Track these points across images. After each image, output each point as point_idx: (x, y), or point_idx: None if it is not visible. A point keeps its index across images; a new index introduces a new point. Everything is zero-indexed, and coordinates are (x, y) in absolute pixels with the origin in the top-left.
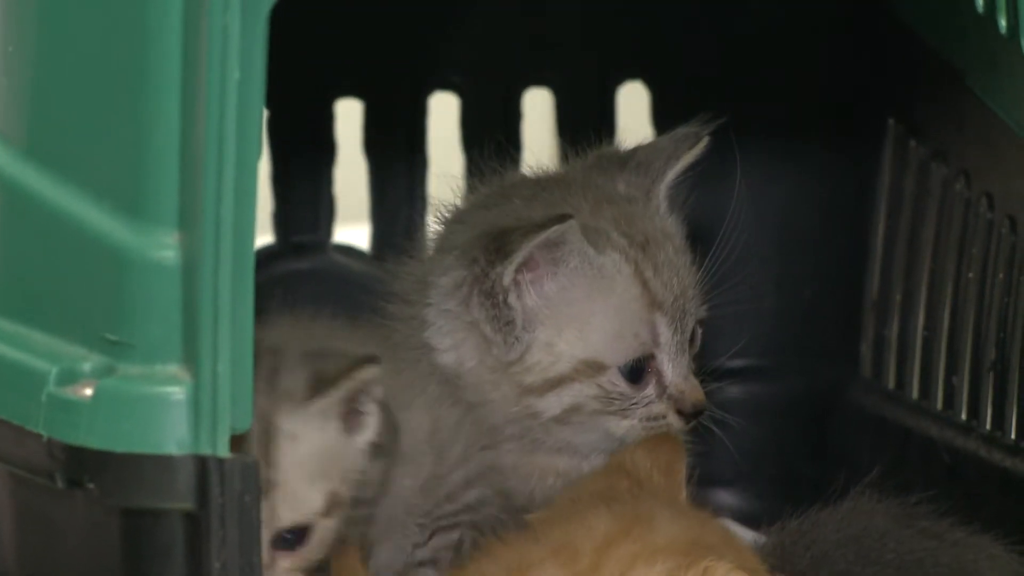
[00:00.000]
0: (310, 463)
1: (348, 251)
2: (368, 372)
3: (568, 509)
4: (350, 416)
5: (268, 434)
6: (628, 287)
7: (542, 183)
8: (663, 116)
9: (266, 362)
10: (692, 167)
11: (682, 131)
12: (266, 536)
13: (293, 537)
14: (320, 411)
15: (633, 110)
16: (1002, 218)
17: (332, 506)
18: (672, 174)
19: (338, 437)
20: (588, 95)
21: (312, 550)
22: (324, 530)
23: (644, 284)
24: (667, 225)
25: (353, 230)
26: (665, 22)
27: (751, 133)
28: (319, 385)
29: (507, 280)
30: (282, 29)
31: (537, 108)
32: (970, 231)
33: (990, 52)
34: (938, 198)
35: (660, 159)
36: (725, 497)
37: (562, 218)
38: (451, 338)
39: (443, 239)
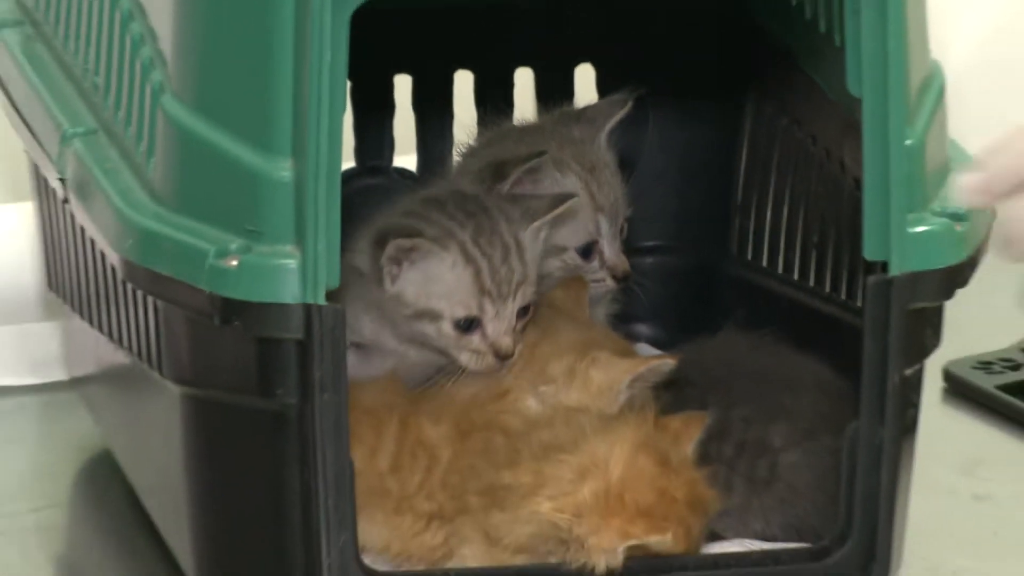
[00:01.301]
0: (532, 264)
1: (403, 173)
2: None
3: None
4: None
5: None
6: (582, 197)
7: (526, 130)
8: (604, 87)
9: None
10: (622, 120)
11: (616, 97)
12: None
13: (524, 312)
14: (535, 229)
15: (585, 83)
16: (820, 150)
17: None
18: (609, 125)
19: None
20: (555, 73)
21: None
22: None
23: (592, 195)
24: (606, 158)
25: (406, 158)
26: (609, 24)
27: (660, 97)
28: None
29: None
30: (362, 25)
31: (522, 82)
32: (802, 160)
33: (815, 44)
34: (781, 140)
35: (601, 115)
36: (642, 329)
37: (540, 153)
38: None
39: (462, 167)
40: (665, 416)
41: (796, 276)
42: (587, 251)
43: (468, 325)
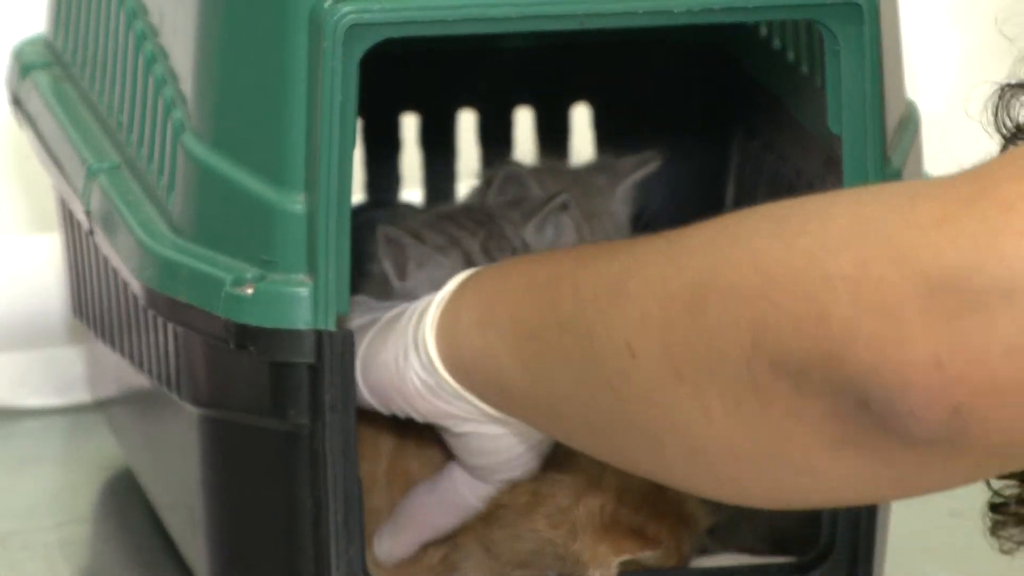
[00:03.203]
0: None
1: (410, 206)
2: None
3: None
4: None
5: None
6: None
7: (562, 172)
8: (599, 126)
9: None
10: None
11: (647, 153)
12: None
13: None
14: (533, 227)
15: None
16: (804, 184)
17: None
18: (631, 179)
19: None
20: (553, 113)
21: None
22: None
23: (582, 240)
24: (613, 208)
25: (413, 192)
26: (603, 66)
27: (650, 135)
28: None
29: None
30: (373, 68)
31: (523, 121)
32: (786, 193)
33: (797, 85)
34: (766, 175)
35: (627, 168)
36: None
37: (558, 194)
38: None
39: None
40: None
41: None
42: None
43: None
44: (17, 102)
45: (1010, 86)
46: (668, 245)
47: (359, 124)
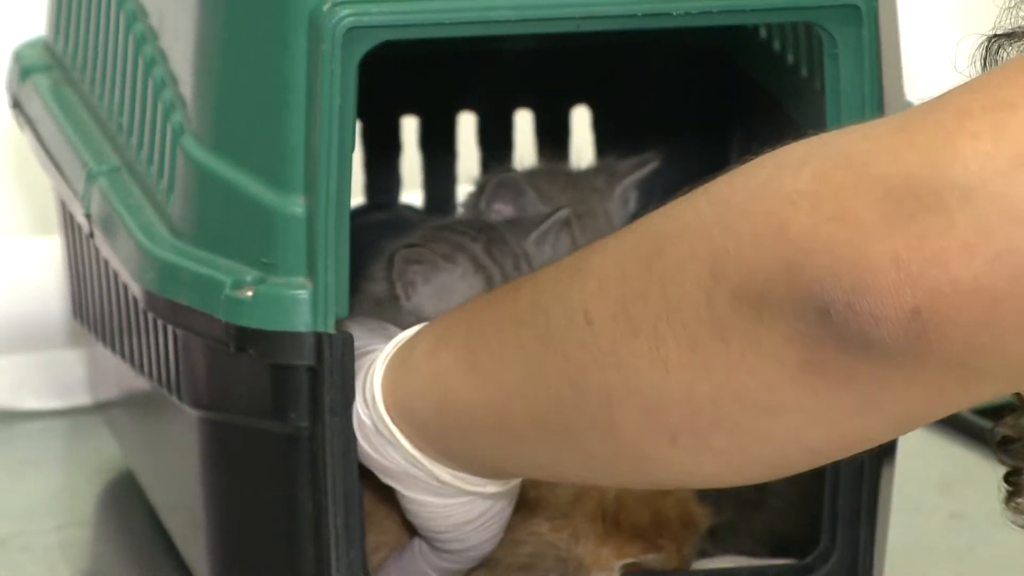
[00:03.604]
0: None
1: (409, 208)
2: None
3: None
4: None
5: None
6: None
7: (564, 175)
8: (598, 128)
9: None
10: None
11: (647, 155)
12: None
13: None
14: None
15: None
16: None
17: None
18: (628, 179)
19: None
20: (553, 115)
21: None
22: None
23: (573, 239)
24: (608, 207)
25: (412, 194)
26: (602, 68)
27: (649, 136)
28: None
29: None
30: (373, 71)
31: (522, 123)
32: None
33: (797, 87)
34: None
35: (626, 169)
36: None
37: (558, 210)
38: None
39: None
40: None
41: None
42: None
43: None
44: (17, 105)
45: (996, 36)
46: (632, 223)
47: (359, 126)
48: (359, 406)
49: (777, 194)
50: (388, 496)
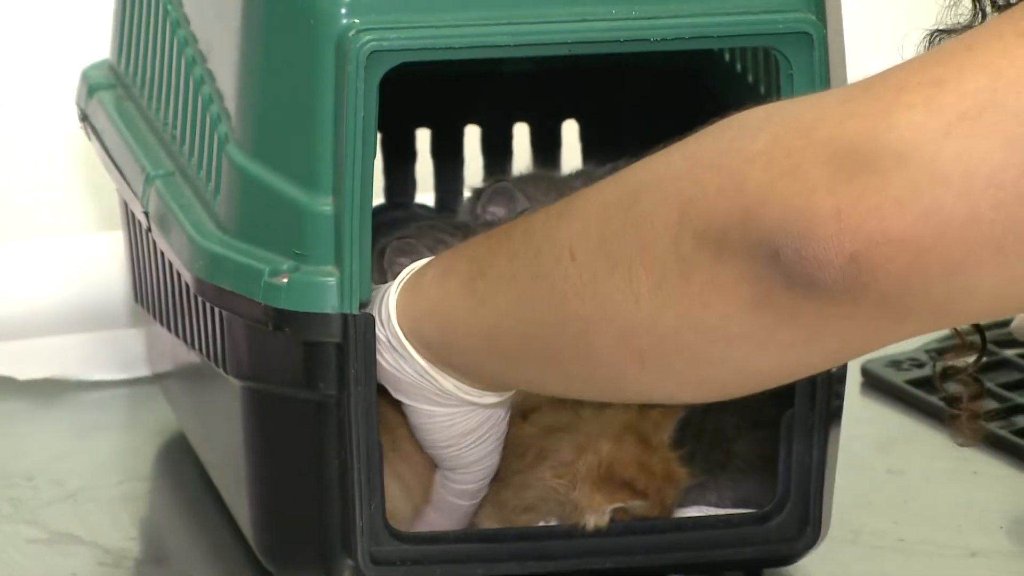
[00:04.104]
0: None
1: (423, 207)
2: None
3: None
4: None
5: None
6: None
7: (547, 180)
8: (585, 141)
9: None
10: None
11: (614, 164)
12: None
13: None
14: None
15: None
16: None
17: None
18: None
19: None
20: (546, 128)
21: None
22: None
23: None
24: None
25: (426, 196)
26: (587, 87)
27: (639, 146)
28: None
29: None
30: (392, 90)
31: (518, 137)
32: None
33: (756, 104)
34: None
35: (602, 173)
36: None
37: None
38: None
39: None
40: (648, 407)
41: None
42: None
43: None
44: (85, 118)
45: (939, 31)
46: (608, 176)
47: (379, 137)
48: (376, 326)
49: (739, 154)
50: None
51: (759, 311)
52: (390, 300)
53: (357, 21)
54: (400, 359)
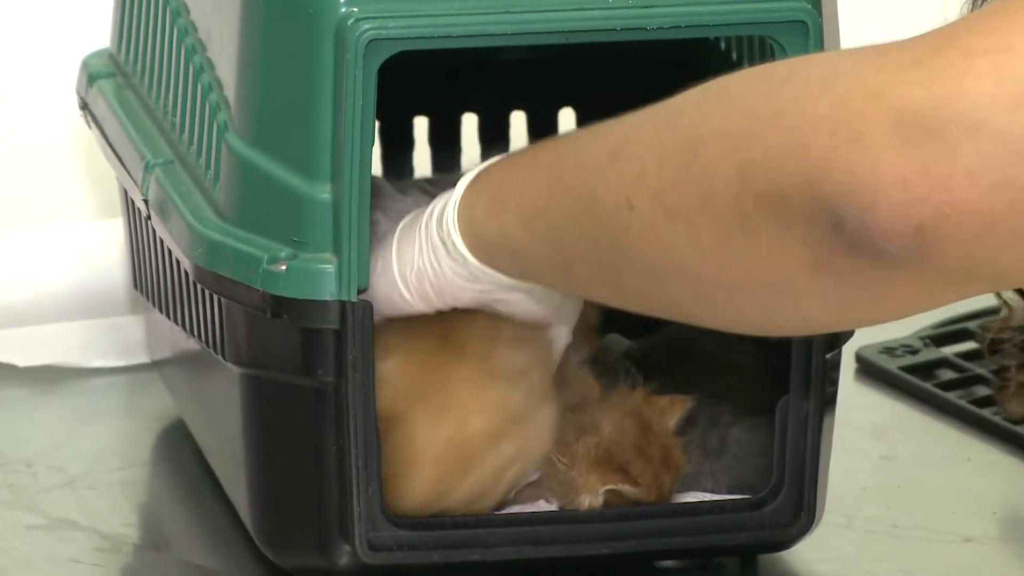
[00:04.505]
0: None
1: None
2: None
3: None
4: None
5: None
6: None
7: None
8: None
9: None
10: None
11: None
12: None
13: None
14: None
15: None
16: None
17: None
18: None
19: None
20: (544, 116)
21: None
22: None
23: None
24: None
25: None
26: (584, 74)
27: None
28: None
29: None
30: (391, 78)
31: (517, 123)
32: None
33: None
34: None
35: None
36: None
37: None
38: None
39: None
40: (656, 395)
41: None
42: None
43: None
44: (86, 106)
45: None
46: (662, 109)
47: (377, 125)
48: (449, 264)
49: (801, 115)
50: None
51: (823, 274)
52: (455, 239)
53: (356, 10)
54: (473, 281)
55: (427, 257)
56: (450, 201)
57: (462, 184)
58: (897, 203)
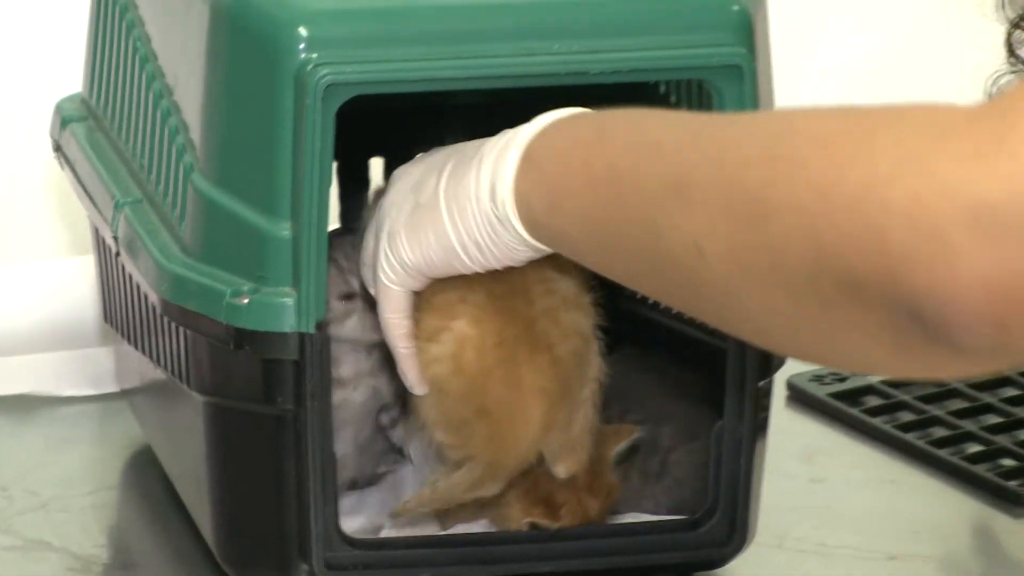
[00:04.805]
0: None
1: None
2: None
3: None
4: None
5: None
6: None
7: None
8: None
9: None
10: None
11: None
12: None
13: None
14: None
15: None
16: None
17: None
18: None
19: None
20: None
21: None
22: None
23: None
24: None
25: None
26: (526, 117)
27: None
28: None
29: None
30: (348, 121)
31: None
32: None
33: None
34: None
35: None
36: None
37: None
38: None
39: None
40: (602, 424)
41: (675, 310)
42: None
43: (348, 298)
44: (59, 149)
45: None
46: (721, 152)
47: (335, 166)
48: (505, 237)
49: (875, 204)
50: None
51: (898, 353)
52: (514, 222)
53: (315, 56)
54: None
55: (484, 229)
56: (501, 181)
57: (510, 161)
58: (978, 300)
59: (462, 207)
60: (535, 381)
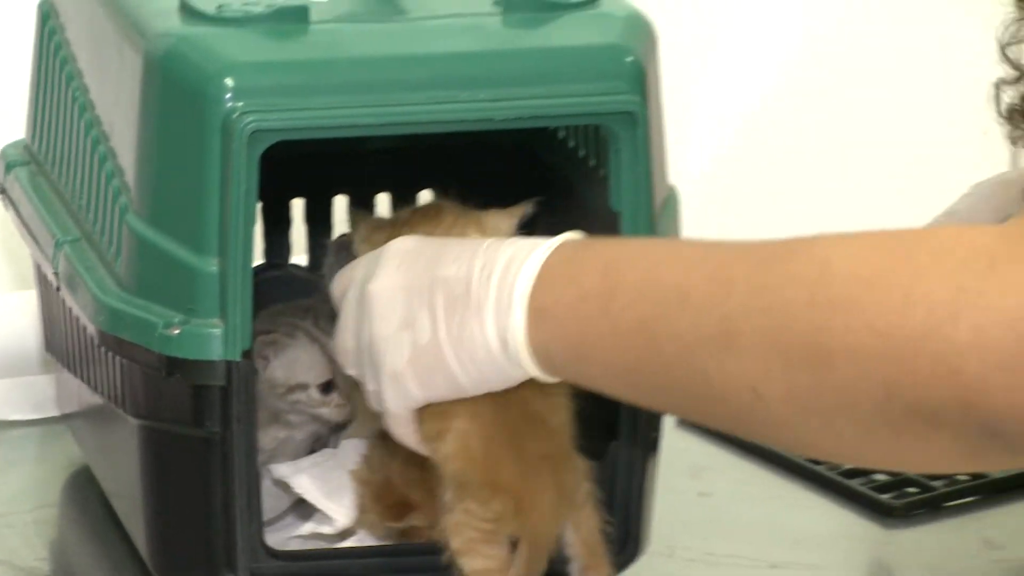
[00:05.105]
0: None
1: (297, 267)
2: None
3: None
4: None
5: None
6: None
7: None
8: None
9: None
10: None
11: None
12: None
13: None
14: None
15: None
16: None
17: None
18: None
19: None
20: (406, 197)
21: None
22: None
23: None
24: None
25: (299, 257)
26: (442, 160)
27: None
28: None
29: None
30: (271, 164)
31: (381, 204)
32: None
33: (586, 175)
34: None
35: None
36: None
37: None
38: None
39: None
40: None
41: None
42: None
43: (327, 387)
44: (3, 191)
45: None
46: (761, 300)
47: (259, 206)
48: (517, 376)
49: (943, 341)
50: None
51: (969, 461)
52: (531, 367)
53: (240, 104)
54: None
55: (495, 374)
56: (512, 335)
57: (517, 318)
58: None
59: (471, 354)
60: (538, 449)
